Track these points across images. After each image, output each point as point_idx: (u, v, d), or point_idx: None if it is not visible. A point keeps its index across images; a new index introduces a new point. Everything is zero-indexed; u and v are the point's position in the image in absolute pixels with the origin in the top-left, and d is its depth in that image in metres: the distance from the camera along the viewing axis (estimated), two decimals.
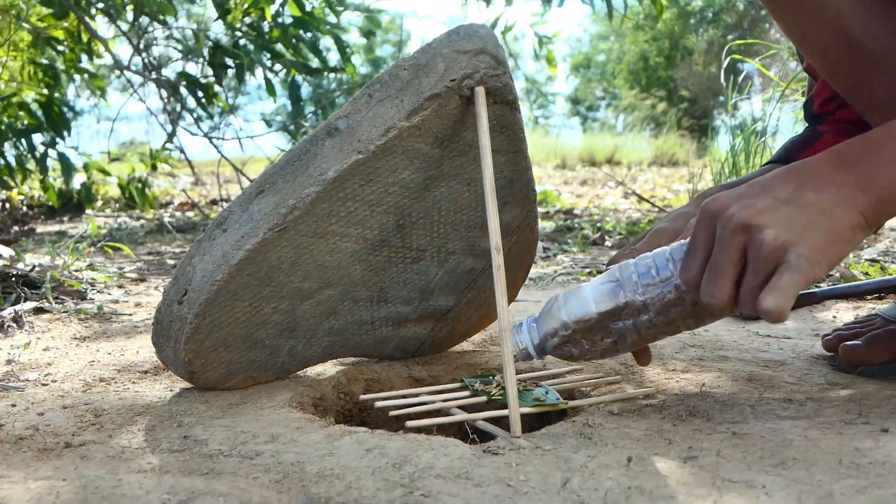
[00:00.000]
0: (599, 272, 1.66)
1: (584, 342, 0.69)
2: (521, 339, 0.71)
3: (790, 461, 0.58)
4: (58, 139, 2.98)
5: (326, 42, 2.89)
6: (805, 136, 0.98)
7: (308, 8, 2.77)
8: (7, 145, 2.91)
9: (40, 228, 2.68)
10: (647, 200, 2.19)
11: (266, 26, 2.77)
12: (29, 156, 2.98)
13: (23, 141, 2.92)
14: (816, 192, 0.60)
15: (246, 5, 2.71)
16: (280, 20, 2.71)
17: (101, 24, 2.90)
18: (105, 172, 3.24)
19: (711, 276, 0.60)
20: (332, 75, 3.08)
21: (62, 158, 2.99)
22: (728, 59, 2.08)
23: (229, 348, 0.76)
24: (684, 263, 0.63)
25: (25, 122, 2.93)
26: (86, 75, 3.04)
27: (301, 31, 2.74)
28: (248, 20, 2.76)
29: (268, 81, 2.82)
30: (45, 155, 3.00)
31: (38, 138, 2.96)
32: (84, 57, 2.96)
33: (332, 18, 2.83)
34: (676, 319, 0.67)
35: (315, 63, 2.99)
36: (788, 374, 0.83)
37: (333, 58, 2.99)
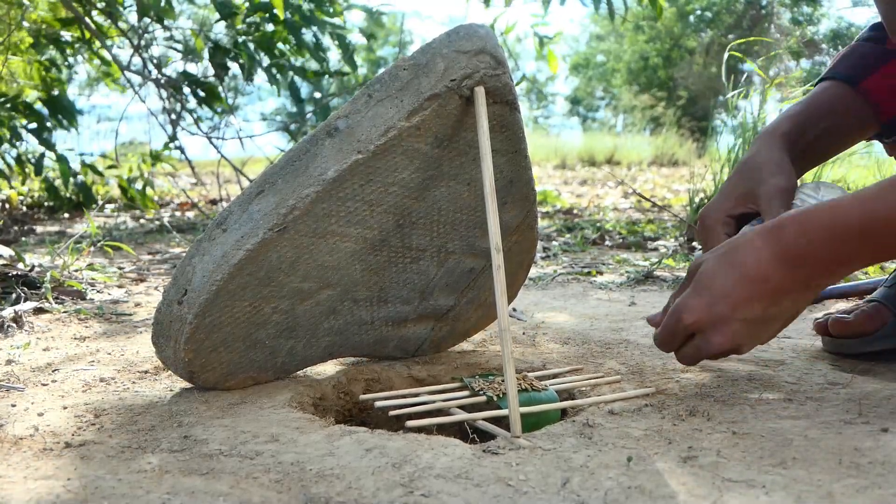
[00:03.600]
0: (599, 272, 1.66)
1: None
2: None
3: (790, 461, 0.58)
4: (57, 140, 2.98)
5: (326, 42, 2.89)
6: (873, 53, 0.91)
7: (307, 7, 2.77)
8: (7, 145, 2.91)
9: (40, 228, 2.68)
10: (649, 200, 2.19)
11: (269, 26, 2.76)
12: (29, 160, 2.98)
13: (23, 141, 2.92)
14: (777, 306, 0.70)
15: (248, 5, 2.71)
16: (284, 17, 2.70)
17: (100, 24, 2.90)
18: (99, 174, 3.24)
19: (690, 362, 0.74)
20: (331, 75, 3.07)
21: (61, 159, 2.99)
22: (727, 56, 2.07)
23: (229, 348, 0.76)
24: (661, 342, 0.75)
25: (26, 122, 2.93)
26: (95, 56, 3.02)
27: (303, 30, 2.74)
28: (248, 20, 2.76)
29: (271, 75, 2.81)
30: (44, 154, 3.00)
31: (34, 135, 2.96)
32: (82, 57, 2.96)
33: (335, 20, 2.83)
34: None
35: (315, 65, 2.99)
36: (788, 374, 0.83)
37: (333, 57, 2.98)
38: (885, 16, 0.80)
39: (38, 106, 2.95)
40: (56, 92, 2.96)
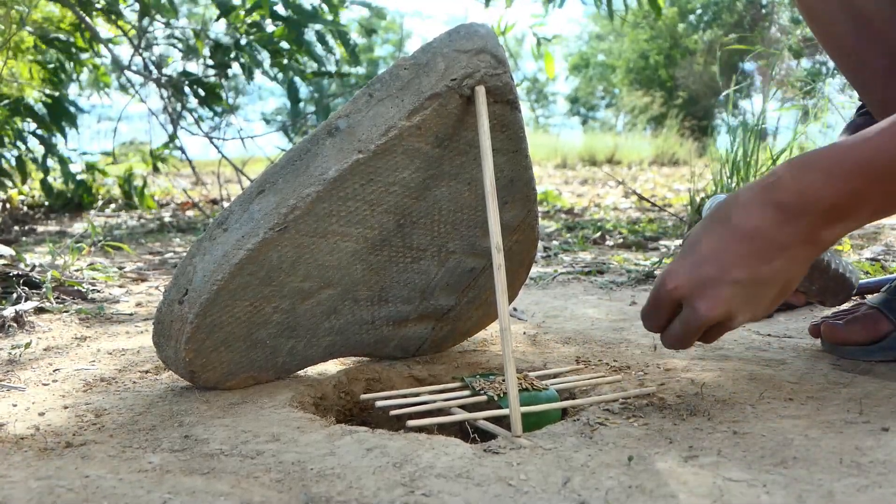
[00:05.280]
0: (600, 272, 1.66)
1: None
2: None
3: (791, 460, 0.58)
4: (57, 140, 2.98)
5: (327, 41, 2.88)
6: (866, 123, 0.90)
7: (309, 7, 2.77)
8: (7, 146, 2.91)
9: (41, 228, 2.68)
10: (648, 200, 2.19)
11: (268, 25, 2.76)
12: (29, 157, 2.97)
13: (24, 142, 2.92)
14: (769, 264, 0.62)
15: (249, 5, 2.71)
16: (284, 15, 2.70)
17: (101, 24, 2.90)
18: (103, 173, 3.24)
19: (680, 342, 0.68)
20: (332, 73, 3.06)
21: (61, 160, 2.99)
22: (722, 53, 2.07)
23: (230, 348, 0.76)
24: (645, 316, 0.69)
25: (27, 121, 2.93)
26: (90, 66, 3.03)
27: (304, 28, 2.73)
28: (248, 20, 2.76)
29: (272, 76, 2.81)
30: (45, 155, 3.00)
31: (37, 139, 2.96)
32: (85, 56, 2.96)
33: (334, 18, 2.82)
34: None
35: (314, 66, 2.99)
36: (789, 374, 0.83)
37: (333, 57, 2.97)
38: (870, 107, 0.83)
39: (39, 107, 2.95)
40: (57, 94, 2.96)
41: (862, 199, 0.61)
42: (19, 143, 2.94)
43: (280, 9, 2.69)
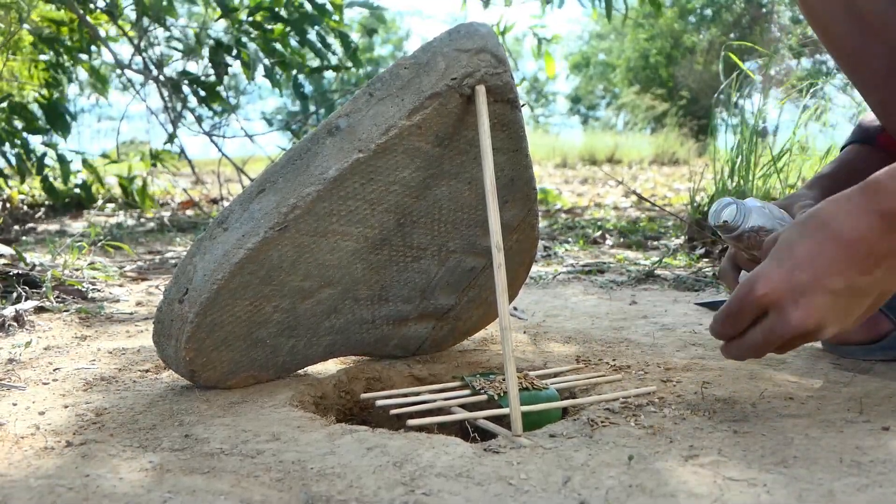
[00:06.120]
0: (600, 271, 1.66)
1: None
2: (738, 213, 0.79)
3: (791, 459, 0.58)
4: (58, 139, 2.98)
5: (329, 40, 2.87)
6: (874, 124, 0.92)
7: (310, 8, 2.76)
8: (7, 145, 2.91)
9: (41, 227, 2.68)
10: (647, 200, 2.19)
11: (269, 25, 2.76)
12: (29, 156, 2.97)
13: (23, 142, 2.92)
14: (870, 275, 0.60)
15: (252, 5, 2.71)
16: (286, 14, 2.70)
17: (102, 24, 2.90)
18: (97, 174, 3.24)
19: (750, 352, 0.64)
20: (333, 74, 3.06)
21: (61, 159, 2.99)
22: (723, 55, 2.07)
23: (230, 347, 0.76)
24: (723, 321, 0.65)
25: (24, 124, 2.93)
26: (87, 67, 3.03)
27: (306, 27, 2.73)
28: (249, 18, 2.76)
29: (272, 77, 2.81)
30: (44, 154, 3.00)
31: (37, 139, 2.96)
32: (84, 57, 2.96)
33: (335, 17, 2.82)
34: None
35: (316, 62, 2.99)
36: (789, 373, 0.83)
37: (334, 57, 2.97)
38: (871, 106, 0.84)
39: (35, 107, 2.95)
40: (56, 94, 2.96)
41: None
42: (18, 143, 2.94)
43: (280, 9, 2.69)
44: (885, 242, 0.59)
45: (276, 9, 2.68)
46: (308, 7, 2.73)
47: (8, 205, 3.14)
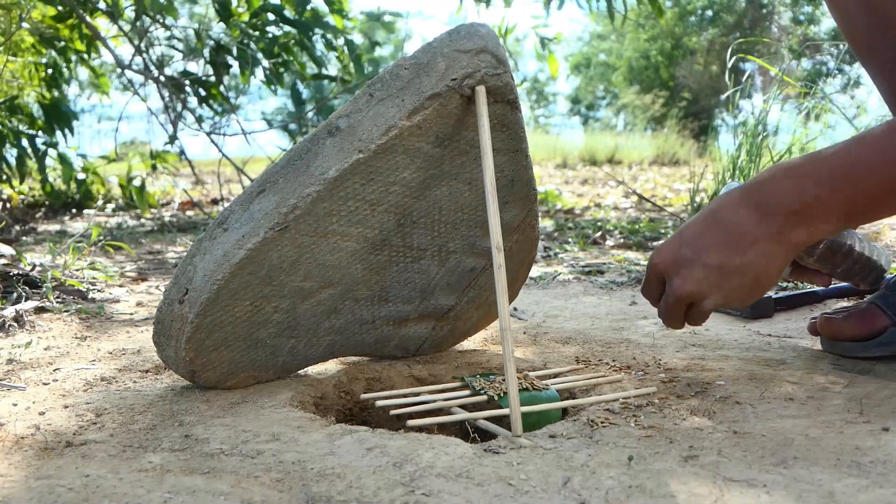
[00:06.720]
0: (600, 272, 1.66)
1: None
2: None
3: (791, 460, 0.58)
4: (58, 139, 2.98)
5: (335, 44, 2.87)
6: None
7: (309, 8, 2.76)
8: (7, 145, 2.91)
9: (41, 227, 2.68)
10: (648, 200, 2.19)
11: (273, 28, 2.76)
12: (29, 156, 2.97)
13: (23, 142, 2.92)
14: (743, 255, 0.70)
15: (255, 7, 2.71)
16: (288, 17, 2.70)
17: (101, 24, 2.90)
18: (97, 175, 3.24)
19: (666, 318, 0.77)
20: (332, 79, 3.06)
21: (62, 159, 2.99)
22: (731, 56, 2.07)
23: (230, 347, 0.76)
24: (643, 288, 0.78)
25: (25, 125, 2.93)
26: (87, 67, 3.04)
27: (308, 32, 2.73)
28: (252, 20, 2.76)
29: (269, 79, 2.81)
30: (45, 154, 3.00)
31: (38, 139, 2.96)
32: (84, 56, 2.96)
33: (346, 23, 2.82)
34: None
35: (314, 69, 2.98)
36: (789, 373, 0.83)
37: (337, 63, 2.97)
38: (883, 95, 0.86)
39: (36, 108, 2.95)
40: (57, 94, 2.96)
41: (824, 206, 0.68)
42: (17, 143, 2.93)
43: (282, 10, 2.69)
44: (756, 230, 0.69)
45: (284, 8, 2.68)
46: (323, 7, 2.72)
47: (8, 205, 3.14)
